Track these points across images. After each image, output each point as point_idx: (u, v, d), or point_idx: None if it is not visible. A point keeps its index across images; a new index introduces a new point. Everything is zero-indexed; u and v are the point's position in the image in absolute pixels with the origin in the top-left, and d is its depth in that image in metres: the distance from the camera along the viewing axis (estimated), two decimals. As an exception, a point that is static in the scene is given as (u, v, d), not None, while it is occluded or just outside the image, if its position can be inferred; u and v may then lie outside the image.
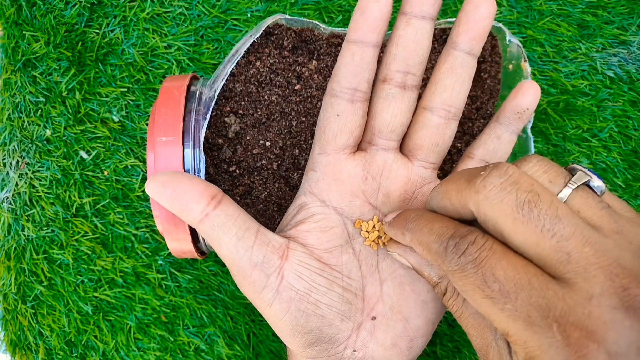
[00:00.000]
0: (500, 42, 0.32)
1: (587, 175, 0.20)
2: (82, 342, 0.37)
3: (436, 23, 0.31)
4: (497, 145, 0.28)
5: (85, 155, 0.37)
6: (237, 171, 0.29)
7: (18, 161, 0.37)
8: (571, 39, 0.37)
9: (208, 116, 0.27)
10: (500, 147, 0.28)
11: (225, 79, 0.28)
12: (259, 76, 0.29)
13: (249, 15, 0.37)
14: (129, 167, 0.37)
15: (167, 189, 0.24)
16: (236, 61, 0.28)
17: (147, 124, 0.37)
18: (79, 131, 0.37)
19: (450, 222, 0.22)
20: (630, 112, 0.37)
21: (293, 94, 0.29)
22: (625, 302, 0.17)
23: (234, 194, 0.29)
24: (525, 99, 0.27)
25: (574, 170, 0.20)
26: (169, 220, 0.27)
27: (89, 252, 0.37)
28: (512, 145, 0.28)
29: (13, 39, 0.37)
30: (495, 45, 0.32)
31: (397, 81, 0.26)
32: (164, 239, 0.36)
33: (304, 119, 0.29)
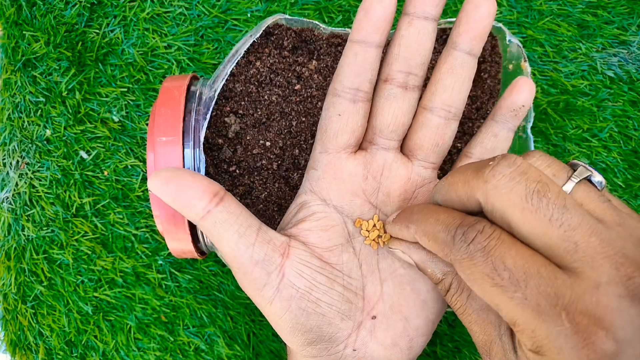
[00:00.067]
0: (500, 42, 0.32)
1: (589, 170, 0.21)
2: (82, 342, 0.37)
3: (436, 23, 0.31)
4: (494, 143, 0.28)
5: (85, 155, 0.37)
6: (237, 171, 0.29)
7: (18, 161, 0.37)
8: (571, 39, 0.37)
9: (208, 116, 0.27)
10: (497, 145, 0.28)
11: (225, 79, 0.28)
12: (259, 76, 0.29)
13: (249, 15, 0.37)
14: (129, 167, 0.37)
15: (170, 185, 0.24)
16: (236, 61, 0.28)
17: (147, 124, 0.37)
18: (79, 131, 0.37)
19: (457, 213, 0.22)
20: (630, 112, 0.37)
21: (293, 94, 0.29)
22: (630, 290, 0.18)
23: (234, 194, 0.29)
24: (520, 96, 0.27)
25: (575, 166, 0.21)
26: (169, 220, 0.27)
27: (89, 252, 0.37)
28: (509, 142, 0.28)
29: (13, 39, 0.37)
30: (495, 45, 0.32)
31: (398, 81, 0.26)
32: (164, 239, 0.36)
33: (304, 119, 0.29)
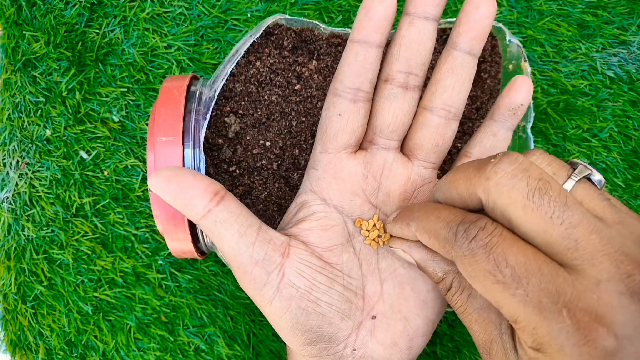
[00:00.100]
0: (500, 42, 0.32)
1: (588, 169, 0.21)
2: (82, 342, 0.37)
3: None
4: (493, 143, 0.28)
5: (85, 155, 0.37)
6: (237, 171, 0.29)
7: (18, 161, 0.37)
8: (571, 39, 0.37)
9: (208, 116, 0.27)
10: (496, 144, 0.28)
11: (225, 79, 0.28)
12: (259, 76, 0.29)
13: (249, 15, 0.37)
14: (129, 167, 0.37)
15: (171, 184, 0.24)
16: (236, 61, 0.28)
17: (147, 124, 0.37)
18: (79, 131, 0.37)
19: (458, 210, 0.22)
20: (630, 112, 0.37)
21: (293, 94, 0.29)
22: (630, 287, 0.18)
23: (234, 194, 0.29)
24: (518, 95, 0.27)
25: (575, 165, 0.21)
26: (169, 220, 0.27)
27: (89, 252, 0.37)
28: (508, 141, 0.28)
29: (13, 39, 0.37)
30: (495, 45, 0.32)
31: (399, 81, 0.26)
32: (164, 239, 0.36)
33: (304, 119, 0.29)
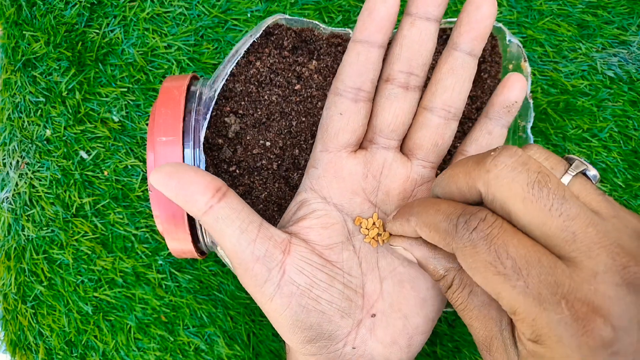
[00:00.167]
0: (500, 42, 0.32)
1: (584, 164, 0.21)
2: (82, 342, 0.37)
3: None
4: (489, 141, 0.28)
5: (85, 155, 0.37)
6: (237, 171, 0.29)
7: (18, 161, 0.37)
8: (571, 39, 0.37)
9: (208, 116, 0.27)
10: (492, 142, 0.28)
11: (225, 79, 0.28)
12: (259, 76, 0.29)
13: (249, 15, 0.37)
14: (129, 167, 0.37)
15: (172, 180, 0.24)
16: (236, 61, 0.28)
17: (147, 124, 0.37)
18: (79, 131, 0.37)
19: (458, 203, 0.22)
20: (630, 112, 0.37)
21: (293, 94, 0.29)
22: (626, 279, 0.18)
23: (234, 194, 0.29)
24: (512, 92, 0.27)
25: (571, 160, 0.22)
26: (169, 220, 0.27)
27: (89, 252, 0.37)
28: (503, 139, 0.29)
29: (13, 39, 0.37)
30: (495, 45, 0.32)
31: (400, 81, 0.26)
32: (164, 239, 0.36)
33: (304, 119, 0.29)
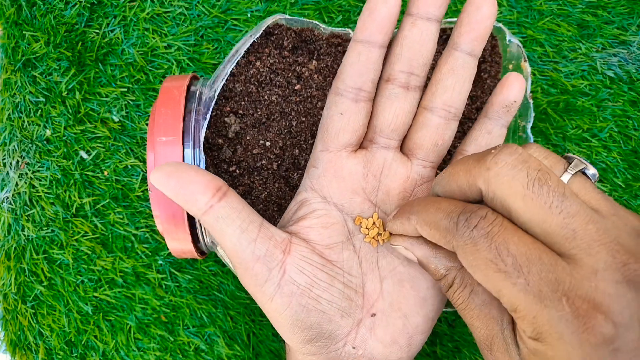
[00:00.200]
0: (500, 42, 0.32)
1: (583, 163, 0.21)
2: (82, 342, 0.37)
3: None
4: (488, 140, 0.28)
5: (85, 155, 0.37)
6: (237, 171, 0.29)
7: (18, 161, 0.37)
8: (571, 39, 0.37)
9: (208, 116, 0.27)
10: (491, 141, 0.28)
11: (225, 79, 0.28)
12: (259, 76, 0.29)
13: (249, 15, 0.37)
14: (129, 167, 0.37)
15: (172, 179, 0.24)
16: (236, 61, 0.28)
17: (147, 124, 0.37)
18: (79, 131, 0.37)
19: (458, 202, 0.22)
20: (630, 112, 0.37)
21: (293, 94, 0.29)
22: (626, 276, 0.18)
23: (234, 194, 0.29)
24: (511, 92, 0.28)
25: (570, 159, 0.22)
26: (169, 220, 0.27)
27: (89, 252, 0.37)
28: (502, 138, 0.29)
29: (13, 39, 0.37)
30: (495, 45, 0.32)
31: (400, 81, 0.26)
32: (164, 239, 0.36)
33: (304, 119, 0.29)
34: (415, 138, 0.27)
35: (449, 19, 0.30)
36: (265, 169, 0.29)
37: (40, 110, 0.37)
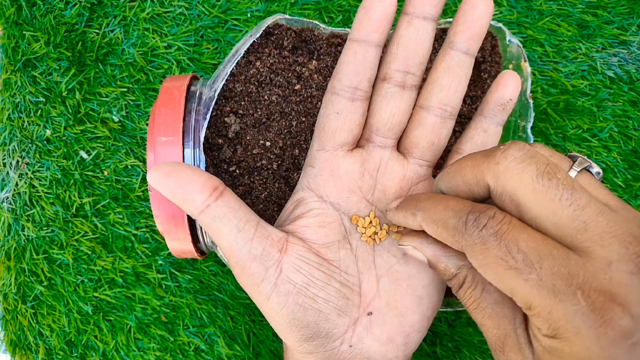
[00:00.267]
0: (500, 42, 0.32)
1: (587, 161, 0.21)
2: (82, 342, 0.37)
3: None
4: (484, 139, 0.28)
5: (85, 155, 0.37)
6: (237, 171, 0.29)
7: (18, 161, 0.37)
8: (571, 39, 0.37)
9: (208, 116, 0.27)
10: (487, 139, 0.28)
11: (225, 79, 0.28)
12: (259, 76, 0.29)
13: (249, 15, 0.37)
14: (129, 167, 0.37)
15: (170, 179, 0.24)
16: (236, 61, 0.28)
17: (147, 124, 0.37)
18: (79, 131, 0.37)
19: (466, 201, 0.22)
20: (630, 112, 0.37)
21: (293, 94, 0.29)
22: None
23: (233, 194, 0.29)
24: (507, 90, 0.28)
25: (574, 157, 0.22)
26: (169, 220, 0.27)
27: (89, 252, 0.37)
28: (498, 137, 0.29)
29: (13, 39, 0.37)
30: (495, 45, 0.32)
31: (396, 80, 0.26)
32: (164, 239, 0.36)
33: (304, 119, 0.29)
34: (412, 137, 0.27)
35: (448, 19, 0.30)
36: (265, 169, 0.29)
37: (40, 110, 0.37)
